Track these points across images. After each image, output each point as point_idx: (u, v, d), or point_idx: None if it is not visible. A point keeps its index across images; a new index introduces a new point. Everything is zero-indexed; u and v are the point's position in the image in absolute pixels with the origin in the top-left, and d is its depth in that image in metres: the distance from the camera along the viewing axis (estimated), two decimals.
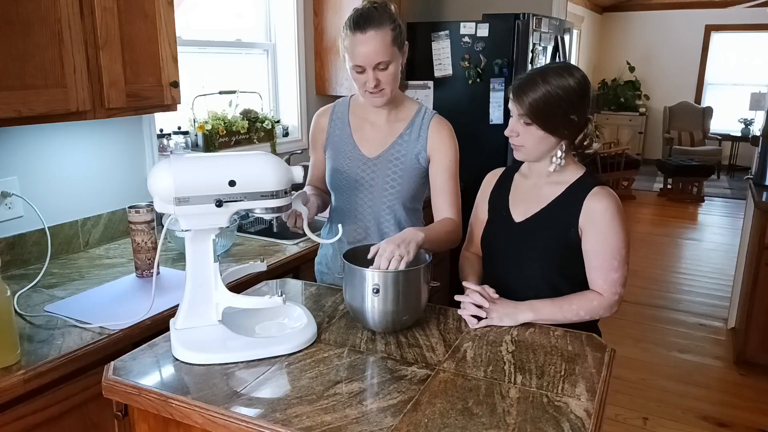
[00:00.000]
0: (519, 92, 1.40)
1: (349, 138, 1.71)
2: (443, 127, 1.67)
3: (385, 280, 1.29)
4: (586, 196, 1.43)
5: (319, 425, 1.00)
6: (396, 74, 1.56)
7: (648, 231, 5.97)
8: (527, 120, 1.40)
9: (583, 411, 1.06)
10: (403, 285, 1.31)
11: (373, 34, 1.49)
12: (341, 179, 1.71)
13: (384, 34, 1.50)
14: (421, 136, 1.66)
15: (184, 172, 1.20)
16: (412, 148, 1.66)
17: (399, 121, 1.68)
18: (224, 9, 2.83)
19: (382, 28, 1.50)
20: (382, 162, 1.67)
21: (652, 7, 8.97)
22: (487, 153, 3.27)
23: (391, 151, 1.67)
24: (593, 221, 1.42)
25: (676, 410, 2.80)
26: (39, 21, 1.48)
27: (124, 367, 1.19)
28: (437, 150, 1.65)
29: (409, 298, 1.33)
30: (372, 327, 1.35)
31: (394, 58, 1.53)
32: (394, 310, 1.31)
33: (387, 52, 1.51)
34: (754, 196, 3.09)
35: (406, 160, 1.66)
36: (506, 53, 3.30)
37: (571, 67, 1.44)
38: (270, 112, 2.98)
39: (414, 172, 1.67)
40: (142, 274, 1.79)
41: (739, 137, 8.39)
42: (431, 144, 1.65)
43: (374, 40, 1.49)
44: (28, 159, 1.87)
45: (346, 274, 1.37)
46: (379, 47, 1.50)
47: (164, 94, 1.85)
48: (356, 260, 1.36)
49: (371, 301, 1.30)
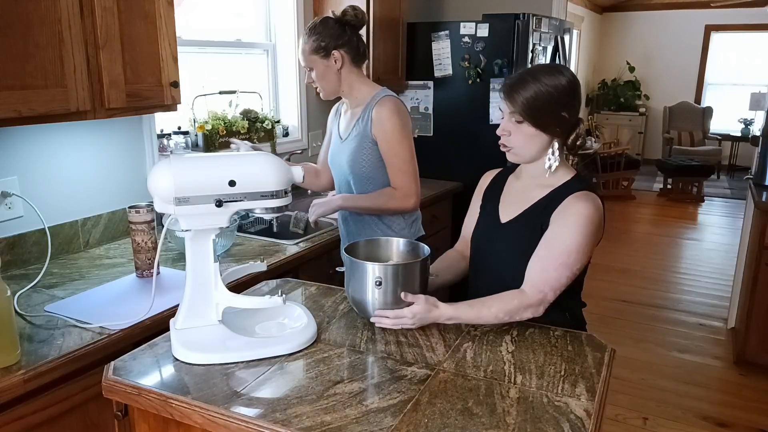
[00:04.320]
0: (510, 90, 1.40)
1: (337, 125, 2.10)
2: (384, 108, 1.92)
3: (385, 273, 1.35)
4: (566, 197, 1.41)
5: (319, 425, 1.00)
6: (320, 76, 1.95)
7: (648, 231, 5.97)
8: (518, 117, 1.40)
9: (583, 411, 1.06)
10: (402, 277, 1.36)
11: (301, 44, 1.95)
12: (331, 159, 2.12)
13: (304, 45, 1.93)
14: (368, 117, 1.94)
15: (184, 172, 1.20)
16: (362, 129, 1.95)
17: (358, 107, 2.00)
18: (224, 9, 2.83)
19: (305, 41, 1.93)
20: (347, 142, 2.01)
21: (652, 7, 8.97)
22: (487, 153, 3.25)
23: (351, 133, 1.99)
24: (562, 215, 1.39)
25: (676, 410, 2.80)
26: (39, 21, 1.48)
27: (124, 367, 1.19)
28: (378, 129, 1.92)
29: (409, 289, 1.37)
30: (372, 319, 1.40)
31: (314, 64, 1.93)
32: (395, 301, 1.36)
33: (307, 59, 1.94)
34: (754, 196, 3.09)
35: (359, 139, 1.96)
36: (506, 53, 3.30)
37: (560, 66, 1.45)
38: (270, 112, 2.98)
39: (366, 148, 1.96)
40: (142, 274, 1.79)
41: (739, 137, 8.40)
42: (374, 125, 1.93)
43: (300, 49, 1.95)
44: (28, 159, 1.87)
45: (347, 268, 1.42)
46: (301, 54, 1.95)
47: (164, 94, 1.85)
48: (358, 254, 1.47)
49: (372, 293, 1.36)
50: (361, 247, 1.52)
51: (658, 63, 9.13)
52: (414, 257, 1.48)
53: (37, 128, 1.86)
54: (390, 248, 1.56)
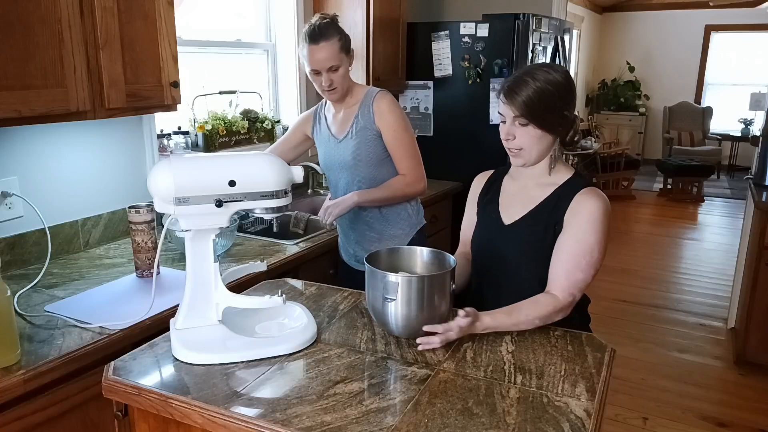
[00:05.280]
0: (510, 93, 1.38)
1: (326, 128, 2.12)
2: (384, 101, 2.00)
3: (408, 285, 1.26)
4: (574, 196, 1.41)
5: (319, 425, 1.00)
6: (345, 75, 1.97)
7: (648, 231, 5.97)
8: (523, 121, 1.39)
9: (583, 411, 1.06)
10: (428, 289, 1.27)
11: (325, 44, 1.89)
12: (327, 162, 2.14)
13: (332, 44, 1.90)
14: (369, 112, 2.00)
15: (184, 172, 1.20)
16: (364, 123, 2.00)
17: (354, 105, 2.04)
18: (224, 9, 2.83)
19: (330, 40, 1.89)
20: (347, 140, 2.04)
21: (652, 7, 8.97)
22: (487, 153, 3.26)
23: (351, 130, 2.03)
24: (576, 215, 1.39)
25: (676, 410, 2.80)
26: (39, 21, 1.48)
27: (124, 367, 1.19)
28: (383, 120, 1.99)
29: (432, 303, 1.28)
30: (395, 332, 1.32)
31: (342, 63, 1.94)
32: (417, 315, 1.27)
33: (336, 58, 1.91)
34: (754, 196, 3.09)
35: (362, 134, 2.01)
36: (506, 53, 3.30)
37: (552, 65, 1.46)
38: (270, 112, 2.98)
39: (371, 142, 2.01)
40: (142, 274, 1.79)
41: (739, 137, 8.39)
42: (377, 117, 1.99)
43: (325, 50, 1.89)
44: (28, 159, 1.87)
45: (368, 278, 1.33)
46: (330, 55, 1.90)
47: (164, 94, 1.85)
48: (380, 263, 1.38)
49: (393, 305, 1.27)
50: (383, 257, 1.42)
51: (658, 63, 9.12)
52: (439, 266, 1.40)
53: (37, 128, 1.85)
54: (413, 258, 1.46)
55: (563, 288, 1.37)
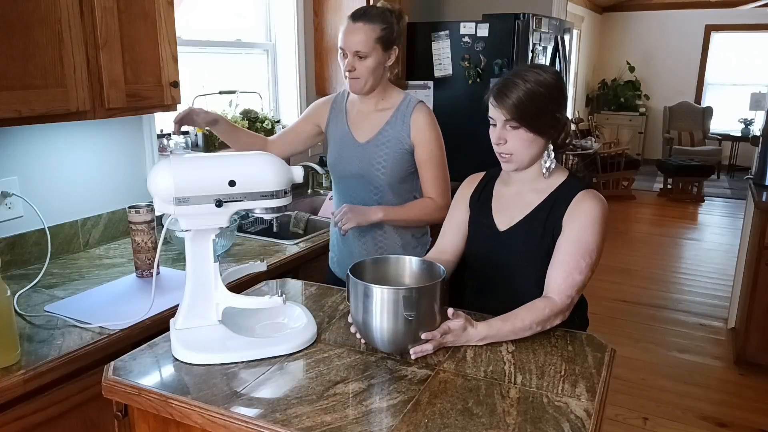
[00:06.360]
0: (500, 95, 1.35)
1: (345, 125, 1.89)
2: (424, 114, 1.81)
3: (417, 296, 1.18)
4: (572, 199, 1.39)
5: (319, 425, 1.00)
6: (372, 68, 1.75)
7: (648, 231, 5.97)
8: (514, 124, 1.36)
9: (583, 411, 1.06)
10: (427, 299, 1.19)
11: (362, 26, 1.71)
12: (338, 164, 1.90)
13: (370, 29, 1.72)
14: (405, 123, 1.80)
15: (184, 172, 1.20)
16: (397, 133, 1.80)
17: (386, 110, 1.84)
18: (224, 9, 2.83)
19: (371, 24, 1.72)
20: (371, 146, 1.83)
21: (652, 7, 8.97)
22: (487, 153, 3.25)
23: (379, 137, 1.82)
24: (576, 217, 1.38)
25: (676, 410, 2.80)
26: (39, 21, 1.48)
27: (124, 367, 1.19)
28: (419, 137, 1.80)
29: (421, 316, 1.19)
30: (381, 348, 1.25)
31: (373, 53, 1.73)
32: (406, 330, 1.19)
33: (368, 45, 1.72)
34: (754, 196, 3.09)
35: (392, 145, 1.81)
36: (506, 53, 3.30)
37: (543, 65, 1.43)
38: (270, 112, 2.98)
39: (399, 155, 1.81)
40: (142, 274, 1.79)
41: (739, 137, 8.39)
42: (414, 131, 1.80)
43: (360, 33, 1.71)
44: (28, 159, 1.87)
45: (351, 289, 1.25)
46: (362, 39, 1.71)
47: (164, 94, 1.85)
48: (365, 274, 1.31)
49: (378, 319, 1.19)
50: (368, 267, 1.34)
51: (658, 63, 9.13)
52: (428, 277, 1.32)
53: (37, 128, 1.86)
54: (402, 268, 1.38)
55: (561, 291, 1.34)
